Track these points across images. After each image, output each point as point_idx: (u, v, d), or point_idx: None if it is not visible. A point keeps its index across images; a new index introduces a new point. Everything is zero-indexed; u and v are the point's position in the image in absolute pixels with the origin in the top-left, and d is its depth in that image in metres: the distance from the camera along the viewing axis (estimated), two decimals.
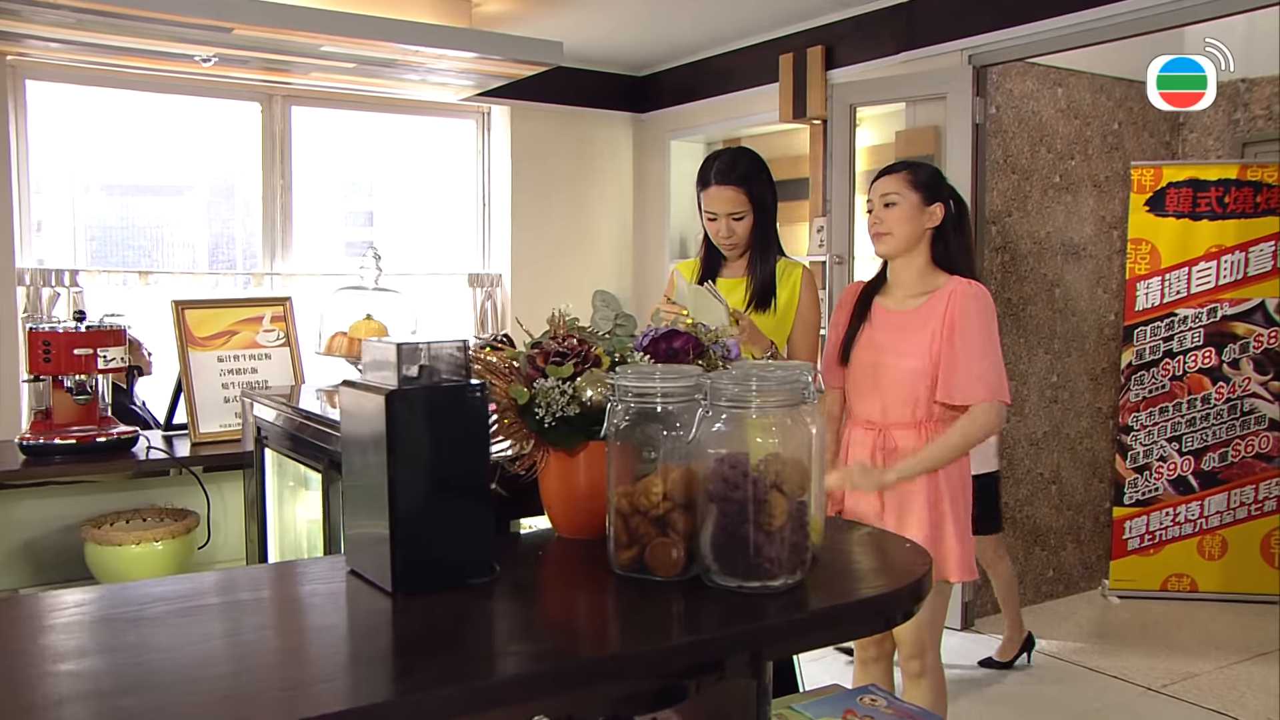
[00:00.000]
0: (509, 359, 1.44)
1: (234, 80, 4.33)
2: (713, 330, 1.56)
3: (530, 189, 5.28)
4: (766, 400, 1.20)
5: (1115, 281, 4.52)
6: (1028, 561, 4.31)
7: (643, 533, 1.25)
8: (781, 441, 1.21)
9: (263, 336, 2.57)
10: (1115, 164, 4.50)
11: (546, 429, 1.36)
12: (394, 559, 1.15)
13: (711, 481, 1.20)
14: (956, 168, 3.83)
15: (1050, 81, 4.24)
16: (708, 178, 2.29)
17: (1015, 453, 4.23)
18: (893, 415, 2.19)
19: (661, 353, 1.51)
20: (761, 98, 4.68)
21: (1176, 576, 4.39)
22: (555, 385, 1.36)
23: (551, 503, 1.44)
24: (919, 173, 2.21)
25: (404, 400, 1.15)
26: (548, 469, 1.43)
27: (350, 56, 3.94)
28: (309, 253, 5.04)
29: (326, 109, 4.89)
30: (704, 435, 1.21)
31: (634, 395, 1.26)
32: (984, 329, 2.12)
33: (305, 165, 5.01)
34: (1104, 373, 4.51)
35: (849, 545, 1.41)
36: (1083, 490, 4.50)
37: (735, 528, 1.19)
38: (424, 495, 1.17)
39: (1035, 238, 4.23)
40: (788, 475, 1.20)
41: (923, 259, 2.21)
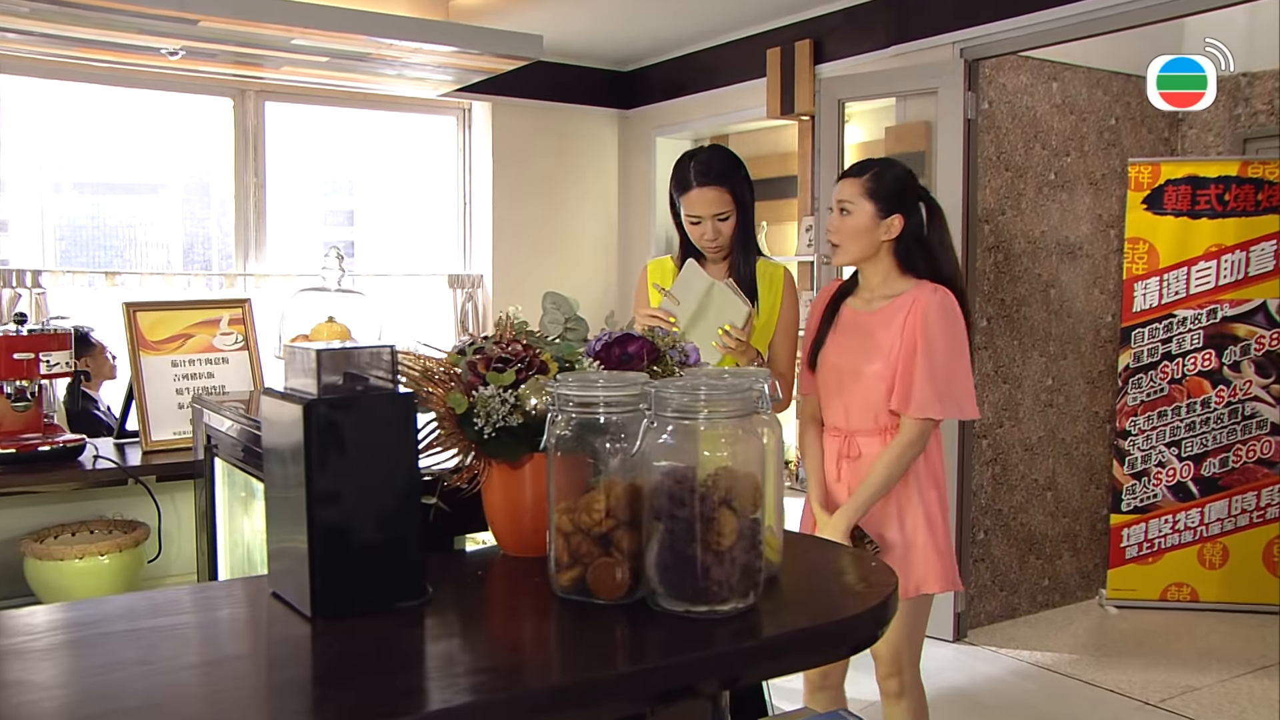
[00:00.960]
0: (450, 364, 1.38)
1: (204, 75, 4.27)
2: (671, 335, 1.50)
3: (512, 187, 5.24)
4: (716, 410, 1.13)
5: (1112, 282, 4.48)
6: (1022, 571, 4.26)
7: (585, 552, 1.19)
8: (732, 454, 1.15)
9: (220, 340, 2.51)
10: (1112, 161, 4.46)
11: (486, 440, 1.30)
12: (313, 581, 1.09)
13: (657, 498, 1.14)
14: (948, 164, 3.80)
15: (1045, 75, 4.20)
16: (687, 180, 2.23)
17: (1009, 458, 4.18)
18: (855, 421, 2.16)
19: (614, 358, 1.45)
20: (749, 93, 4.64)
21: (1176, 586, 4.35)
22: (496, 394, 1.30)
23: (495, 518, 1.38)
24: (880, 181, 2.14)
25: (323, 410, 1.09)
26: (490, 482, 1.37)
27: (323, 50, 3.88)
28: (286, 253, 4.98)
29: (301, 104, 4.84)
30: (649, 448, 1.15)
31: (575, 405, 1.20)
32: (947, 336, 2.07)
33: (281, 163, 4.95)
34: (1101, 376, 4.48)
35: (811, 565, 1.35)
36: (1079, 497, 4.46)
37: (681, 548, 1.12)
38: (345, 512, 1.10)
39: (1029, 237, 4.19)
40: (739, 491, 1.14)
41: (888, 263, 2.17)
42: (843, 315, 2.22)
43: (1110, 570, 4.39)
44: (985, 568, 4.12)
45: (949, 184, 3.79)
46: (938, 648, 3.86)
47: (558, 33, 4.64)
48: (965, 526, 3.95)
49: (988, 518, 4.12)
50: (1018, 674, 3.65)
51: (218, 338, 2.50)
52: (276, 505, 1.17)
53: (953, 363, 2.08)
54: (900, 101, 4.05)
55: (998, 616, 4.16)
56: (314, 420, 1.08)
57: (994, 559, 4.15)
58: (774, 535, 1.28)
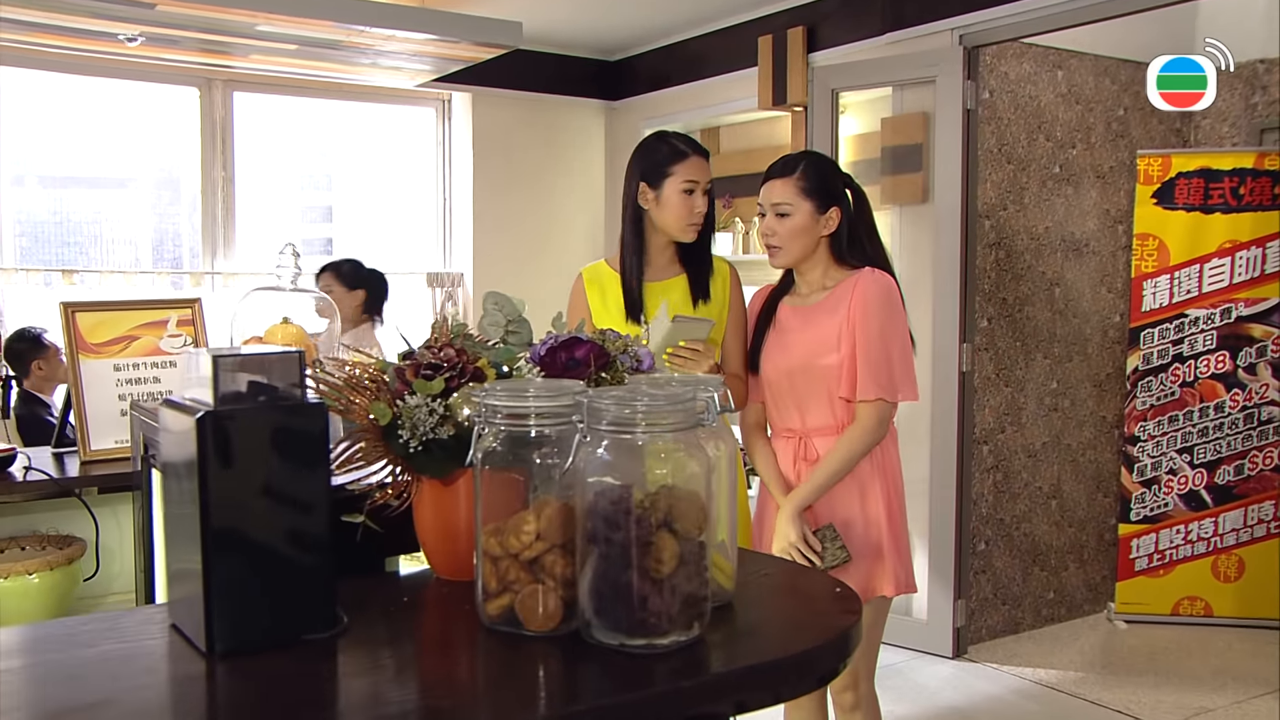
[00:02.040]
0: (378, 371, 1.31)
1: (167, 63, 4.21)
2: (623, 339, 1.43)
3: (494, 181, 5.18)
4: (656, 423, 1.06)
5: (1120, 280, 4.42)
6: (1026, 583, 4.20)
7: (513, 579, 1.12)
8: (673, 471, 1.08)
9: (167, 342, 2.44)
10: (1120, 153, 4.40)
11: (413, 454, 1.23)
12: (208, 612, 1.02)
13: (591, 519, 1.07)
14: (947, 157, 3.75)
15: (1049, 63, 4.14)
16: (678, 149, 2.26)
17: (1012, 465, 4.13)
18: (812, 420, 2.16)
19: (559, 364, 1.37)
20: (740, 83, 4.59)
21: (1189, 600, 4.28)
22: (423, 404, 1.23)
23: (426, 539, 1.31)
24: (810, 176, 2.15)
25: (218, 422, 1.02)
26: (421, 500, 1.30)
27: (290, 37, 3.82)
28: (258, 251, 4.91)
29: (272, 95, 4.77)
30: (584, 464, 1.08)
31: (504, 416, 1.13)
32: (883, 319, 2.10)
33: (253, 156, 4.88)
34: (1108, 379, 4.42)
35: (768, 591, 1.28)
36: (1085, 506, 4.40)
37: (616, 575, 1.05)
38: (245, 535, 1.03)
39: (1033, 233, 4.14)
40: (681, 511, 1.07)
41: (825, 256, 2.19)
42: (781, 315, 2.22)
43: (1119, 583, 4.32)
44: (986, 580, 4.06)
45: (948, 177, 3.74)
46: (935, 665, 3.80)
47: (540, 20, 4.58)
48: (965, 537, 3.89)
49: (989, 528, 4.06)
50: (1020, 693, 3.58)
51: (165, 340, 2.42)
52: (174, 525, 1.10)
53: (889, 344, 2.10)
54: (897, 91, 3.99)
55: (999, 632, 4.10)
56: (208, 433, 1.01)
57: (995, 571, 4.09)
58: (725, 559, 1.21)
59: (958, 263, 3.73)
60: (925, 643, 3.89)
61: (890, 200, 4.01)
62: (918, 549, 3.96)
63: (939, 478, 3.82)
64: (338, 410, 1.26)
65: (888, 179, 4.01)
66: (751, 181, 5.25)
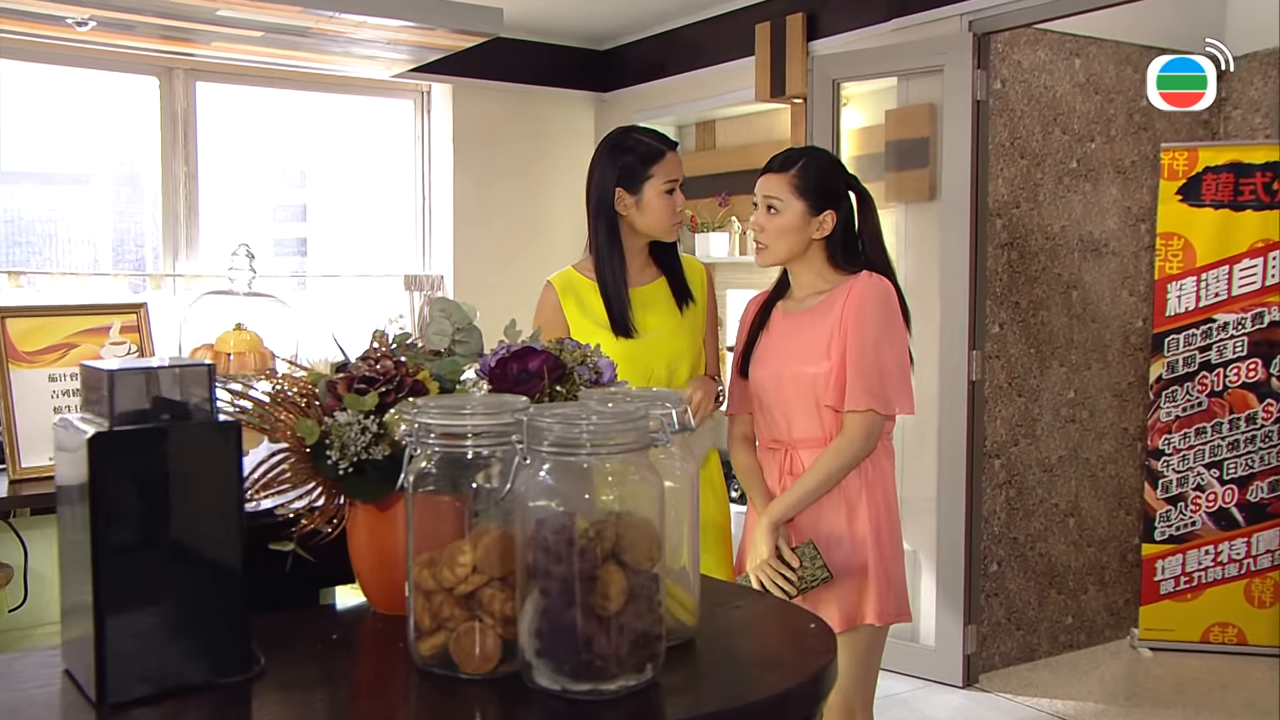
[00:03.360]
0: (309, 385, 1.26)
1: (123, 50, 4.16)
2: (582, 349, 1.38)
3: (476, 178, 5.14)
4: (603, 443, 1.01)
5: (1143, 283, 4.39)
6: (1042, 607, 4.16)
7: (448, 615, 1.07)
8: (622, 497, 1.03)
9: (109, 351, 2.39)
10: (1143, 146, 4.37)
11: (344, 476, 1.18)
12: (99, 657, 0.96)
13: (531, 550, 1.02)
14: (955, 151, 3.72)
15: (1066, 51, 4.11)
16: (654, 148, 2.27)
17: (1026, 480, 4.09)
18: (798, 431, 2.14)
19: (510, 377, 1.32)
20: (737, 73, 4.57)
21: (1220, 626, 4.22)
22: (354, 421, 1.18)
23: (361, 568, 1.27)
24: (807, 174, 2.14)
25: (112, 444, 0.97)
26: (356, 526, 1.26)
27: (255, 23, 3.77)
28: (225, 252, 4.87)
29: (238, 85, 4.73)
30: (524, 489, 1.03)
31: (439, 435, 1.08)
32: (878, 325, 2.08)
33: (219, 151, 4.84)
34: (1130, 388, 4.39)
35: (735, 627, 1.23)
36: (1106, 524, 4.36)
37: (558, 612, 1.00)
38: (142, 569, 0.98)
39: (1048, 233, 4.11)
40: (631, 541, 1.02)
41: (820, 260, 2.18)
42: (774, 320, 2.22)
43: (1143, 607, 4.28)
44: (999, 604, 4.02)
45: (956, 173, 3.71)
46: (944, 694, 3.75)
47: (524, 7, 4.55)
48: (975, 557, 3.85)
49: (1001, 547, 4.02)
50: None
51: (106, 348, 2.38)
52: (68, 555, 1.05)
53: (883, 352, 2.08)
54: (902, 81, 3.96)
55: (1014, 659, 4.06)
56: (99, 455, 0.96)
57: (1009, 594, 4.05)
58: (685, 592, 1.16)
59: (967, 264, 3.70)
60: (933, 671, 3.85)
61: (895, 198, 3.98)
62: (924, 570, 3.93)
63: (947, 494, 3.78)
64: (261, 429, 1.21)
65: (892, 175, 3.98)
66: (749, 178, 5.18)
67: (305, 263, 5.66)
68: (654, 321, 2.27)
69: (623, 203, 2.25)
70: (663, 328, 2.28)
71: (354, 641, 1.20)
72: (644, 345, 2.25)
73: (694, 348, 2.32)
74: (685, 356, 2.30)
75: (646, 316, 2.27)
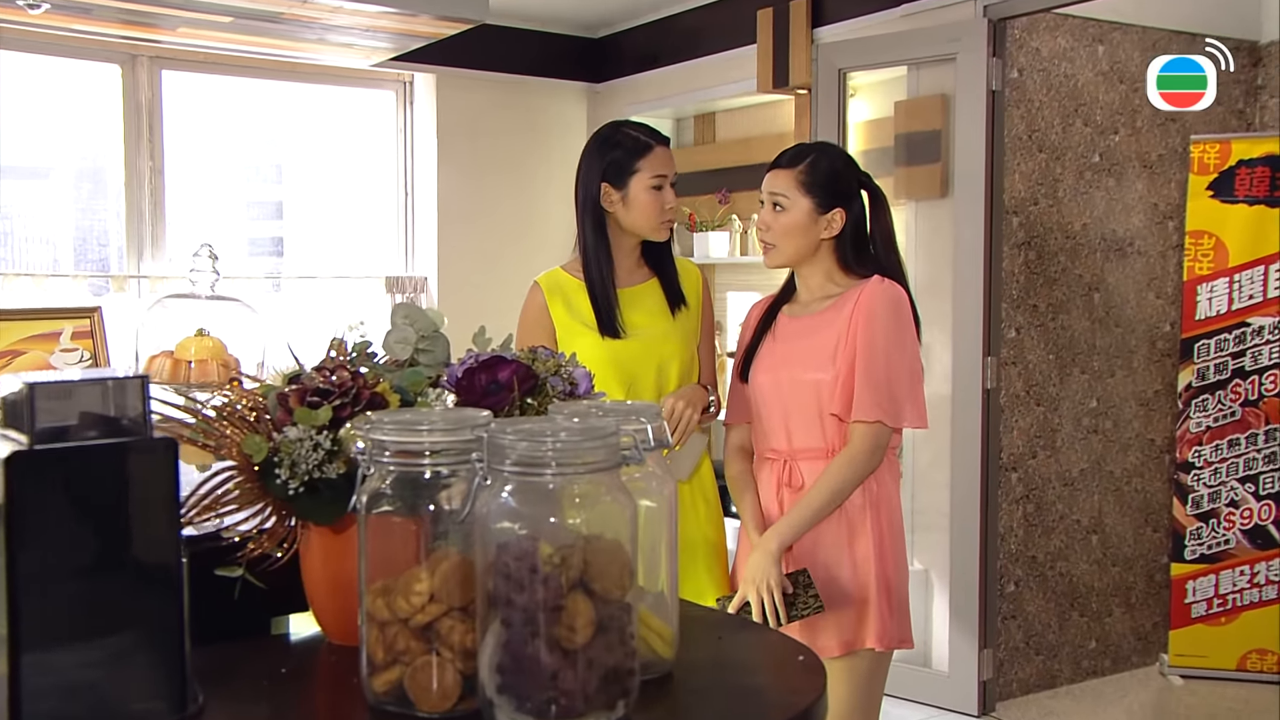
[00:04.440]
0: (259, 398, 1.24)
1: (82, 35, 4.16)
2: (555, 358, 1.36)
3: (462, 173, 5.14)
4: (569, 462, 0.99)
5: (1170, 284, 4.38)
6: (1063, 631, 4.14)
7: (403, 648, 1.05)
8: (591, 520, 1.01)
9: (60, 358, 2.39)
10: (1170, 138, 4.35)
11: (295, 496, 1.16)
12: (12, 697, 0.94)
13: (492, 578, 1.00)
14: (968, 145, 3.71)
15: (1088, 37, 4.09)
16: (641, 141, 2.30)
17: (1045, 495, 4.08)
18: (799, 440, 2.13)
19: (478, 388, 1.31)
20: (737, 63, 4.57)
21: (1258, 653, 4.18)
22: (305, 437, 1.16)
23: (315, 595, 1.25)
24: (815, 170, 2.15)
25: (30, 465, 0.95)
26: (309, 550, 1.24)
27: (223, 8, 3.77)
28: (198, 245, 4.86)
29: (208, 74, 4.73)
30: (485, 511, 1.01)
31: (393, 453, 1.06)
32: (888, 332, 2.09)
33: (187, 144, 4.83)
34: (1156, 396, 4.38)
35: (716, 659, 1.21)
36: (1132, 542, 4.34)
37: (521, 645, 0.98)
38: (64, 600, 0.96)
39: (1068, 231, 4.10)
40: (600, 568, 1.01)
41: (829, 262, 2.19)
42: (779, 324, 2.22)
43: (1172, 631, 4.24)
44: (1017, 626, 4.00)
45: (970, 169, 3.70)
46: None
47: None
48: (991, 577, 3.84)
49: (1019, 566, 4.01)
50: None
51: (56, 355, 2.37)
52: None
53: (893, 361, 2.08)
54: (912, 71, 3.96)
55: (1033, 686, 4.04)
56: (16, 477, 0.94)
57: (1027, 616, 4.03)
58: (662, 621, 1.14)
59: (981, 265, 3.69)
60: (947, 698, 3.83)
61: (905, 194, 3.97)
62: (937, 590, 3.91)
63: (961, 510, 3.77)
64: (205, 446, 1.19)
65: (902, 170, 3.97)
66: (750, 174, 5.19)
67: (281, 263, 5.66)
68: (643, 323, 2.28)
69: (609, 199, 2.27)
70: (652, 329, 2.29)
71: (305, 675, 1.18)
72: (632, 347, 2.25)
73: (685, 353, 2.33)
74: (675, 361, 2.30)
75: (635, 317, 2.28)
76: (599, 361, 2.21)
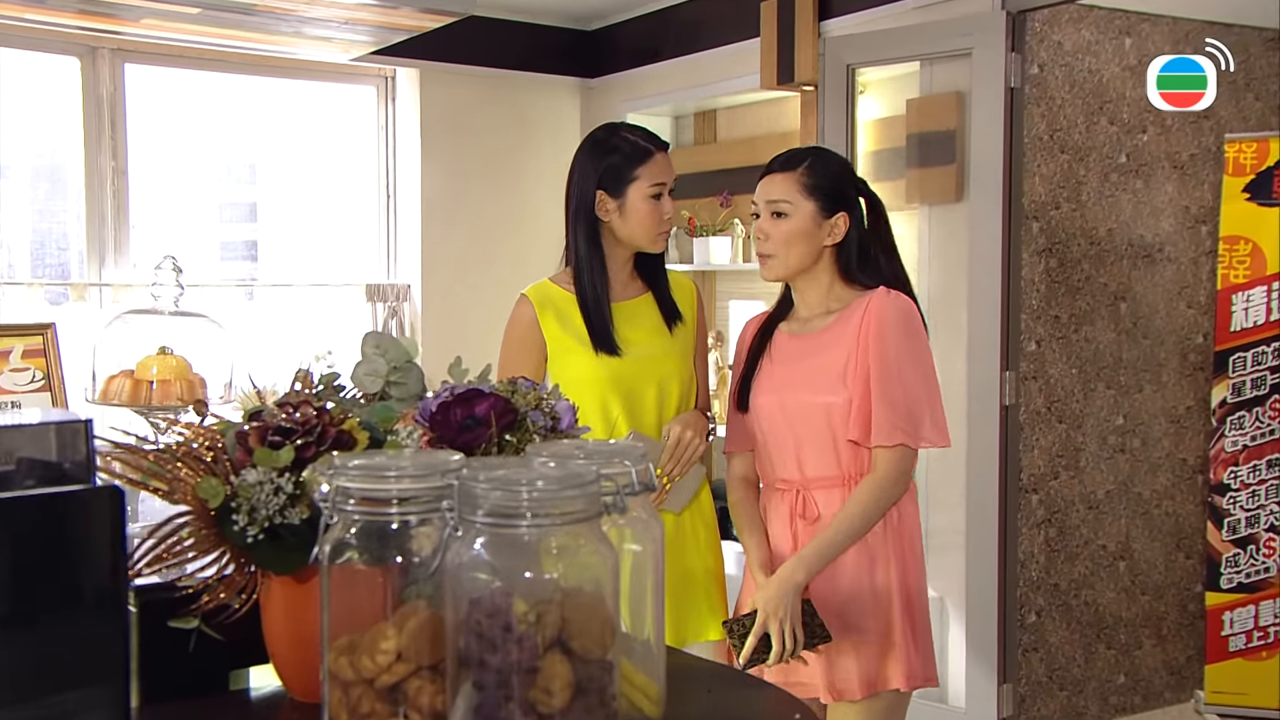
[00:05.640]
0: (217, 436, 1.24)
1: (36, 25, 4.14)
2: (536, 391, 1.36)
3: (447, 174, 5.14)
4: (547, 512, 0.99)
5: (1203, 293, 4.39)
6: (1089, 664, 4.13)
7: (368, 711, 1.05)
8: (569, 574, 1.01)
9: (10, 378, 2.39)
10: (1204, 137, 4.36)
11: (254, 544, 1.16)
12: None
13: (463, 636, 1.00)
14: (985, 146, 3.70)
15: (1114, 29, 4.10)
16: (641, 147, 2.30)
17: (1068, 519, 4.08)
18: (811, 469, 2.13)
19: (454, 425, 1.31)
20: (740, 58, 4.57)
21: None
22: (265, 480, 1.15)
23: (276, 649, 1.25)
24: (816, 173, 2.15)
25: None
26: (270, 600, 1.23)
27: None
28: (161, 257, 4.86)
29: (174, 68, 4.72)
30: (458, 563, 1.00)
31: (358, 500, 1.05)
32: (902, 347, 2.09)
33: (154, 142, 4.83)
34: (1188, 413, 4.38)
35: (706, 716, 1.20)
36: (1163, 569, 4.34)
37: (494, 709, 0.98)
38: (7, 660, 0.96)
39: (1093, 236, 4.10)
40: (579, 626, 1.00)
41: (829, 274, 2.19)
42: (776, 344, 2.22)
43: (1208, 666, 4.23)
44: (1039, 659, 3.99)
45: (987, 170, 3.70)
46: None
47: None
48: (1011, 606, 3.82)
49: (1041, 595, 4.00)
50: None
51: (5, 375, 2.37)
52: None
53: (909, 377, 2.08)
54: (926, 67, 3.96)
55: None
56: None
57: (1050, 648, 4.02)
58: (647, 679, 1.14)
59: (999, 274, 3.68)
60: None
61: (918, 198, 3.98)
62: (952, 620, 3.91)
63: (977, 534, 3.76)
64: (157, 490, 1.18)
65: (914, 172, 3.98)
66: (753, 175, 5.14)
67: (255, 268, 5.66)
68: (641, 339, 2.29)
69: (604, 207, 2.27)
70: (650, 346, 2.30)
71: None
72: (629, 364, 2.26)
73: (685, 371, 2.34)
74: (676, 380, 2.31)
75: (632, 333, 2.29)
76: (597, 380, 2.22)
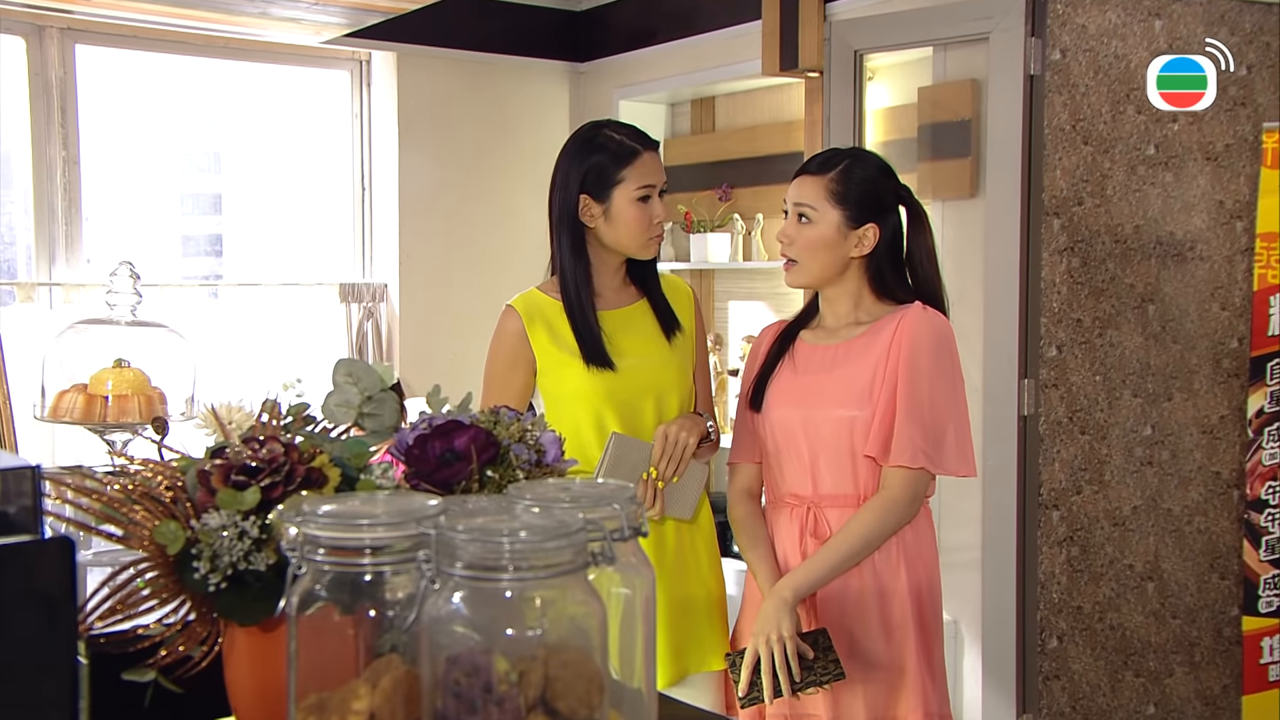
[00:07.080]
0: (177, 474, 1.24)
1: None
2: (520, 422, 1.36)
3: (426, 165, 5.17)
4: (530, 565, 1.00)
5: (1238, 294, 4.38)
6: (1116, 693, 4.14)
7: None
8: (553, 629, 1.02)
9: None
10: (1239, 126, 4.34)
11: (215, 593, 1.17)
12: None
13: (440, 695, 1.00)
14: (1002, 137, 3.73)
15: (1142, 11, 4.08)
16: (628, 146, 2.32)
17: (1092, 536, 4.07)
18: (825, 485, 2.16)
19: (432, 459, 1.32)
20: (740, 42, 4.60)
21: None
22: (228, 524, 1.16)
23: (240, 703, 1.26)
24: (847, 179, 2.18)
25: None
26: (233, 651, 1.24)
27: None
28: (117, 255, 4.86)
29: (131, 50, 4.73)
30: (435, 618, 1.01)
31: (328, 550, 1.06)
32: (934, 368, 2.12)
33: (109, 130, 4.83)
34: (1222, 423, 4.37)
35: None
36: (1195, 591, 4.33)
37: None
38: None
39: (1118, 234, 4.09)
40: (565, 684, 1.02)
41: (858, 285, 2.22)
42: (799, 351, 2.25)
43: (1245, 696, 4.23)
44: (1061, 687, 4.00)
45: (1004, 164, 3.72)
46: None
47: None
48: (1030, 630, 3.84)
49: (1063, 618, 4.00)
50: None
51: None
52: None
53: (940, 400, 2.11)
54: (939, 52, 3.98)
55: None
56: None
57: (1073, 675, 4.03)
58: None
59: (1017, 274, 3.71)
60: None
61: (930, 193, 3.98)
62: (967, 644, 3.93)
63: (994, 553, 3.79)
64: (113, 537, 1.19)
65: (926, 165, 3.99)
66: (754, 167, 5.21)
67: (220, 264, 5.66)
68: (636, 349, 2.31)
69: (588, 212, 2.29)
70: (646, 357, 2.32)
71: None
72: (624, 378, 2.28)
73: (684, 382, 2.37)
74: (674, 392, 2.34)
75: (626, 344, 2.31)
76: (591, 395, 2.24)
